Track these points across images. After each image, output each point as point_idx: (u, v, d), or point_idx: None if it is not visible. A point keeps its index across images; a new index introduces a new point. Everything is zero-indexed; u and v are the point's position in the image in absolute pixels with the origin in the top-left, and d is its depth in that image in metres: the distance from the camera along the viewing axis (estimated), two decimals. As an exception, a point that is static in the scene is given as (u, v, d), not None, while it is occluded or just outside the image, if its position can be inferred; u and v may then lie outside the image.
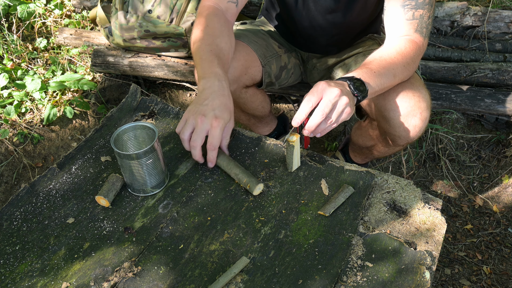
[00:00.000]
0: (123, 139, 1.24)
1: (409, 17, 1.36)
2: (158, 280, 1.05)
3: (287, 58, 1.77)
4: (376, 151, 1.77)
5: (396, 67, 1.32)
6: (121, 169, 1.21)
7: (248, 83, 1.66)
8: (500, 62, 2.16)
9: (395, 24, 1.38)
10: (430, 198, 1.23)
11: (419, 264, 1.08)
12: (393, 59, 1.31)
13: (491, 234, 2.04)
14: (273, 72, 1.72)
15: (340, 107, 1.15)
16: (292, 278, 1.05)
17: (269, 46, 1.72)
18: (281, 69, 1.75)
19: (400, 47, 1.34)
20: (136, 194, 1.24)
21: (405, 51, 1.33)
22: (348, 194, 1.21)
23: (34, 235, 1.14)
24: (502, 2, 2.44)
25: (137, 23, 2.06)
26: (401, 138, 1.49)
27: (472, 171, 2.23)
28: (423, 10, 1.36)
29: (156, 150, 1.18)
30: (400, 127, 1.45)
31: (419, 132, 1.46)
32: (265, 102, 1.86)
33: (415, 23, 1.36)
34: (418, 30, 1.37)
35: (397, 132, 1.47)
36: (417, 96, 1.40)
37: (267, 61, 1.68)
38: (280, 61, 1.75)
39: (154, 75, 2.26)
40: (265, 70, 1.68)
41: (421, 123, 1.44)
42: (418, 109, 1.41)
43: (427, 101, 1.43)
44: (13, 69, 2.32)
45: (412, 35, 1.36)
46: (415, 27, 1.36)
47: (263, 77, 1.70)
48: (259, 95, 1.80)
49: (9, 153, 2.10)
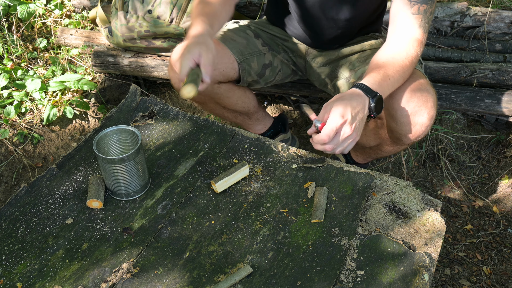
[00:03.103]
0: (107, 142, 1.24)
1: (415, 11, 1.39)
2: (157, 281, 1.05)
3: (271, 56, 1.78)
4: (381, 150, 1.77)
5: (407, 71, 1.37)
6: (102, 172, 1.21)
7: (219, 79, 1.68)
8: (500, 63, 2.16)
9: (401, 18, 1.41)
10: (429, 199, 1.23)
11: (418, 266, 1.08)
12: (404, 62, 1.36)
13: (491, 235, 2.04)
14: (253, 69, 1.73)
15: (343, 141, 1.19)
16: (291, 280, 1.05)
17: (250, 44, 1.74)
18: (264, 67, 1.76)
19: (410, 49, 1.38)
20: (117, 198, 1.23)
21: (413, 53, 1.38)
22: (326, 195, 1.22)
23: (33, 236, 1.14)
24: (502, 2, 2.44)
25: (137, 23, 2.06)
26: (407, 137, 1.51)
27: (472, 172, 2.23)
28: (427, 5, 1.39)
29: (138, 155, 1.18)
30: (408, 125, 1.46)
31: (425, 131, 1.48)
32: (245, 97, 1.86)
33: (420, 17, 1.39)
34: (421, 26, 1.40)
35: (404, 131, 1.48)
36: (424, 95, 1.42)
37: (244, 58, 1.70)
38: (264, 59, 1.76)
39: (154, 75, 2.26)
40: (242, 67, 1.69)
41: (428, 122, 1.45)
42: (425, 108, 1.42)
43: (433, 99, 1.44)
44: (13, 69, 2.32)
45: (416, 30, 1.40)
46: (419, 22, 1.40)
47: (240, 74, 1.71)
48: (236, 91, 1.81)
49: (9, 153, 2.10)
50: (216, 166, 1.31)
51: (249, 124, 2.03)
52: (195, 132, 1.41)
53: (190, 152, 1.35)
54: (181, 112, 1.48)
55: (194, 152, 1.35)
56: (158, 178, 1.28)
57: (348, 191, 1.24)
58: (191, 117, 1.47)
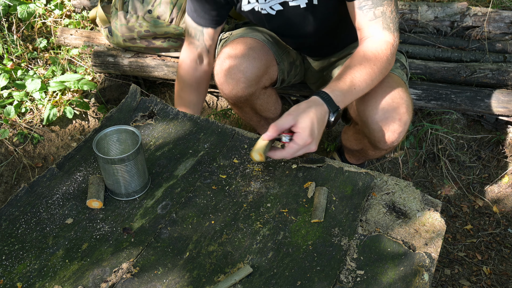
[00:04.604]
0: (107, 142, 1.24)
1: (371, 17, 1.34)
2: (157, 281, 1.05)
3: (294, 54, 1.76)
4: (366, 153, 1.76)
5: (377, 76, 1.33)
6: (102, 172, 1.21)
7: (267, 83, 1.66)
8: (500, 63, 2.16)
9: (360, 28, 1.37)
10: (429, 199, 1.23)
11: (418, 266, 1.08)
12: (373, 68, 1.32)
13: (491, 235, 2.04)
14: (285, 68, 1.71)
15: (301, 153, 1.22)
16: (291, 280, 1.05)
17: (278, 42, 1.71)
18: (290, 65, 1.74)
19: (379, 54, 1.33)
20: (117, 198, 1.23)
21: (383, 58, 1.33)
22: (326, 195, 1.21)
23: (33, 236, 1.14)
24: (502, 2, 2.44)
25: (137, 23, 2.06)
26: (381, 143, 1.49)
27: (472, 172, 2.23)
28: (383, 7, 1.33)
29: (138, 155, 1.18)
30: (379, 132, 1.44)
31: (399, 137, 1.46)
32: (277, 103, 1.85)
33: (379, 21, 1.34)
34: (385, 28, 1.35)
35: (377, 137, 1.47)
36: (396, 101, 1.40)
37: (280, 58, 1.67)
38: (290, 57, 1.74)
39: (154, 75, 2.26)
40: (280, 68, 1.67)
41: (400, 128, 1.43)
42: (397, 114, 1.40)
43: (407, 105, 1.41)
44: (13, 69, 2.32)
45: (380, 34, 1.35)
46: (381, 25, 1.35)
47: (278, 75, 1.69)
48: (273, 96, 1.79)
49: (9, 153, 2.10)
50: (216, 166, 1.31)
51: (265, 129, 2.03)
52: (195, 132, 1.42)
53: (190, 152, 1.35)
54: (181, 112, 1.48)
55: (194, 152, 1.35)
56: (158, 178, 1.28)
57: (348, 191, 1.24)
58: (191, 117, 1.47)
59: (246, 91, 1.58)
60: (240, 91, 1.57)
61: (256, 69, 1.53)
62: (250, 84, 1.56)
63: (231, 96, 1.61)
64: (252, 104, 1.72)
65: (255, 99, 1.68)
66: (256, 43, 1.58)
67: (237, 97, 1.61)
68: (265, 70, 1.59)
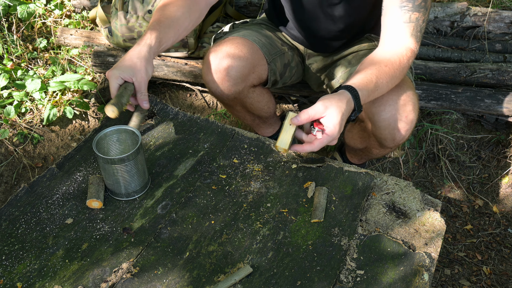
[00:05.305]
0: (107, 142, 1.24)
1: (406, 19, 1.35)
2: (157, 281, 1.05)
3: (290, 56, 1.77)
4: (370, 152, 1.76)
5: (396, 80, 1.34)
6: (102, 172, 1.21)
7: (255, 82, 1.66)
8: (500, 63, 2.16)
9: (393, 26, 1.37)
10: (429, 199, 1.23)
11: (418, 266, 1.08)
12: (395, 71, 1.33)
13: (491, 235, 2.04)
14: (278, 69, 1.72)
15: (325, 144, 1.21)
16: (291, 280, 1.05)
17: (273, 43, 1.71)
18: (285, 67, 1.74)
19: (402, 58, 1.34)
20: (117, 198, 1.23)
21: (403, 62, 1.34)
22: (326, 195, 1.21)
23: (33, 236, 1.14)
24: (502, 2, 2.44)
25: (137, 23, 2.06)
26: (387, 141, 1.50)
27: (472, 172, 2.23)
28: (419, 13, 1.35)
29: (138, 155, 1.18)
30: (386, 130, 1.45)
31: (405, 135, 1.47)
32: (270, 102, 1.85)
33: (412, 26, 1.35)
34: (413, 34, 1.36)
35: (384, 135, 1.48)
36: (403, 99, 1.41)
37: (272, 58, 1.68)
38: (284, 58, 1.74)
39: (154, 75, 2.26)
40: (271, 68, 1.67)
41: (406, 126, 1.44)
42: (403, 112, 1.41)
43: (413, 103, 1.43)
44: (13, 69, 2.32)
45: (408, 39, 1.36)
46: (411, 30, 1.36)
47: (268, 76, 1.69)
48: (265, 95, 1.79)
49: (9, 153, 2.10)
50: (216, 166, 1.31)
51: (261, 128, 2.03)
52: (195, 132, 1.41)
53: (190, 152, 1.35)
54: (181, 112, 1.48)
55: (194, 152, 1.35)
56: (158, 178, 1.28)
57: (348, 191, 1.24)
58: (191, 117, 1.47)
59: (232, 89, 1.59)
60: (226, 89, 1.58)
61: (241, 67, 1.54)
62: (236, 82, 1.57)
63: (217, 94, 1.61)
64: (242, 103, 1.73)
65: (244, 97, 1.69)
66: (244, 42, 1.59)
67: (224, 95, 1.62)
68: (252, 69, 1.60)
